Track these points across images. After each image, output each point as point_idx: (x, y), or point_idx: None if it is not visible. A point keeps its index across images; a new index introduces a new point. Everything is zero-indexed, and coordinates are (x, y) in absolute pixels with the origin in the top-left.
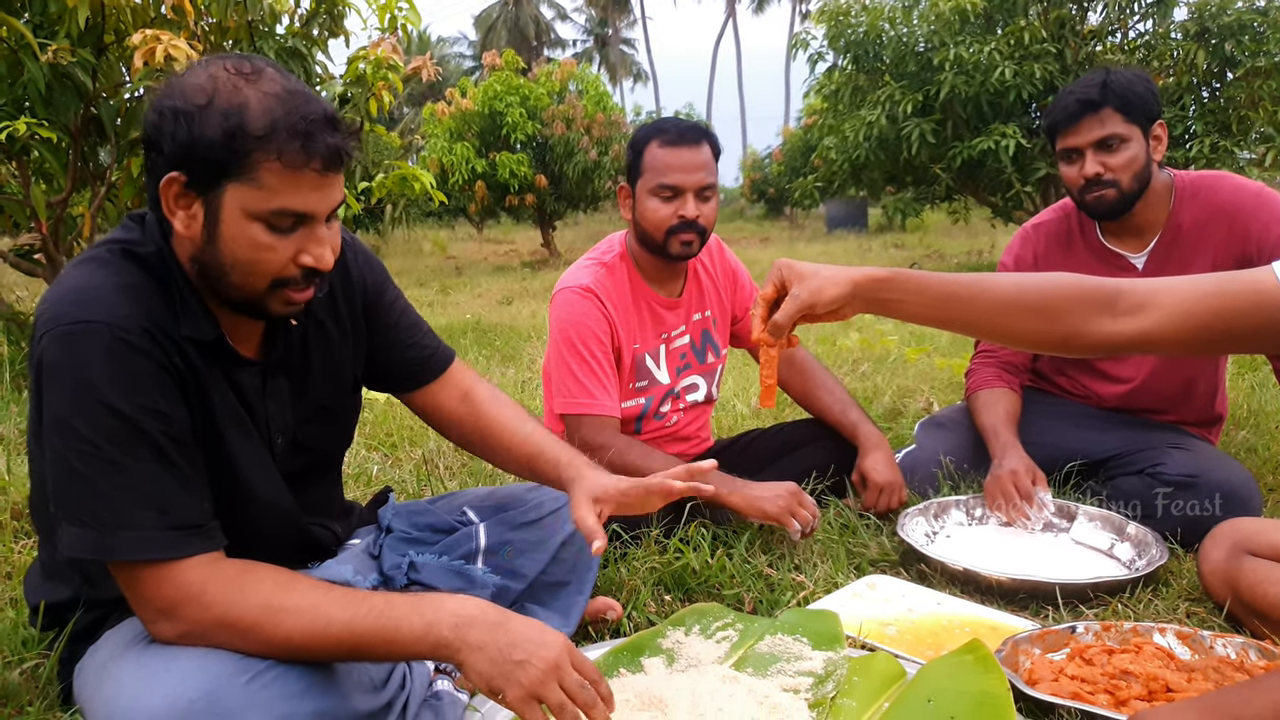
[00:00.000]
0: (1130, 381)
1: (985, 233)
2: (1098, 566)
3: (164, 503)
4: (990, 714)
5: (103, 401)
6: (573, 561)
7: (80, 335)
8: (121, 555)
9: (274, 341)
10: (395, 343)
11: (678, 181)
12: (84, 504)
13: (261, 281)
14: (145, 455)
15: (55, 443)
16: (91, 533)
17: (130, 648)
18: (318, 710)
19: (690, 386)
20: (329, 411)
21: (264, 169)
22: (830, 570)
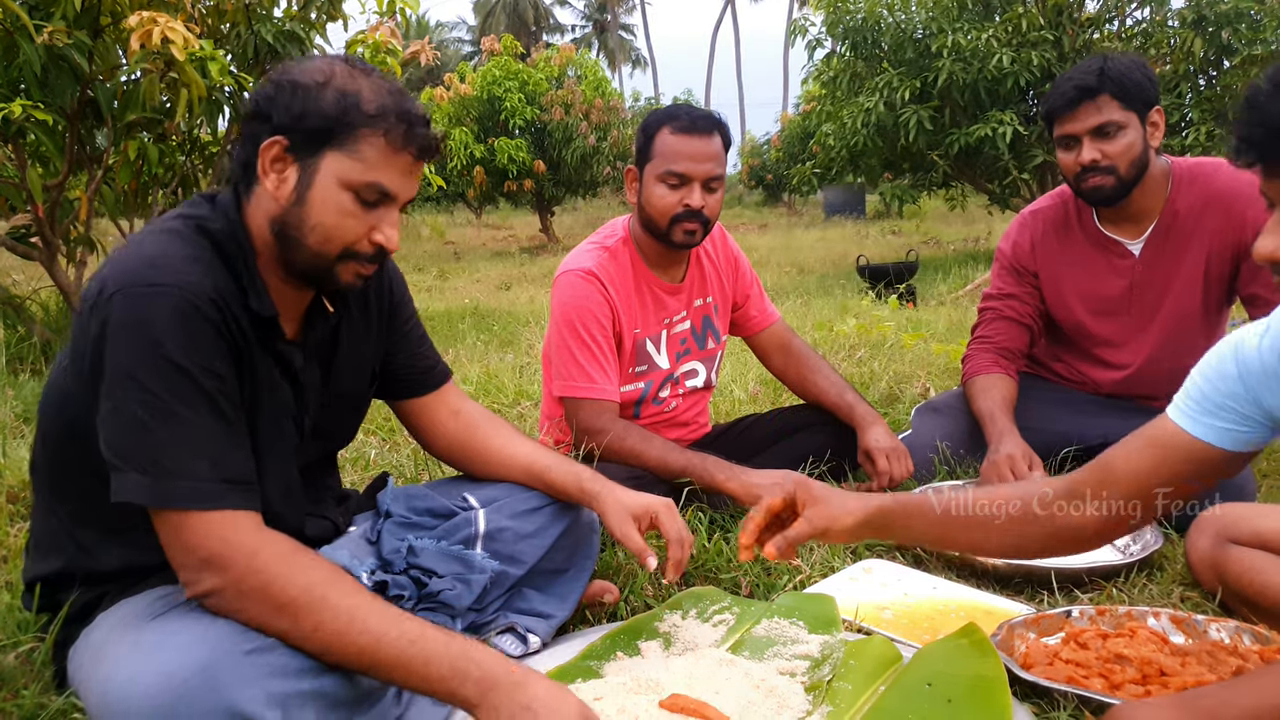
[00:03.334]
0: (1127, 368)
1: (982, 219)
2: (1093, 552)
3: (217, 456)
4: (986, 697)
5: (168, 357)
6: (572, 549)
7: (151, 297)
8: (176, 502)
9: (313, 325)
10: (404, 349)
11: (686, 170)
12: (144, 452)
13: (335, 248)
14: (203, 411)
15: (119, 394)
16: (149, 479)
17: (126, 627)
18: (315, 690)
19: (690, 372)
20: (349, 401)
21: (366, 143)
22: (827, 554)
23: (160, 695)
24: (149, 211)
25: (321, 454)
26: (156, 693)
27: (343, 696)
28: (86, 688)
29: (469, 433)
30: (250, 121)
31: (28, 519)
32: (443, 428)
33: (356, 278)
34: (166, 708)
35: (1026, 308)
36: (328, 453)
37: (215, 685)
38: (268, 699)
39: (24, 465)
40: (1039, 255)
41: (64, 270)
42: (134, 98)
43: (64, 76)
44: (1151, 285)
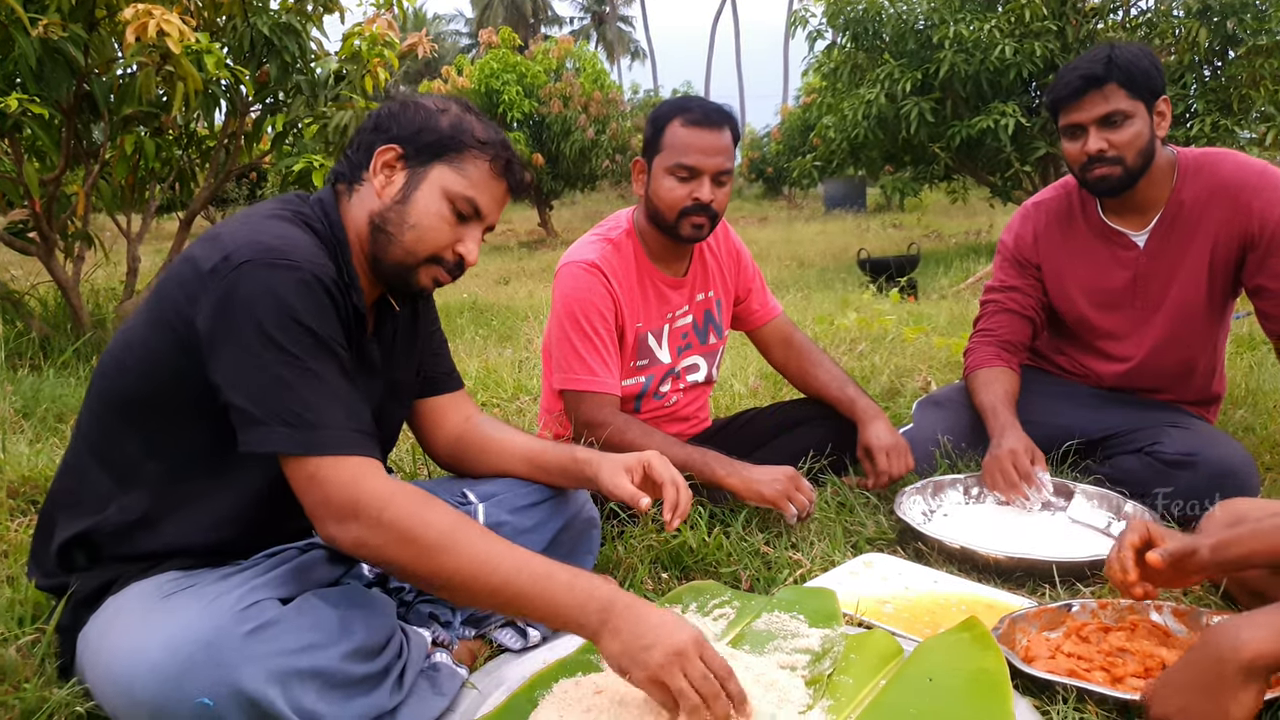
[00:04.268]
0: (1130, 360)
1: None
2: (1095, 545)
3: (349, 407)
4: (987, 691)
5: (303, 323)
6: (572, 544)
7: (286, 269)
8: (321, 449)
9: (383, 320)
10: (429, 348)
11: (696, 163)
12: (290, 406)
13: (425, 250)
14: (335, 370)
15: (256, 355)
16: (295, 430)
17: (135, 606)
18: (314, 669)
19: (691, 367)
20: (402, 392)
21: (472, 163)
22: (827, 548)
23: (165, 667)
24: (146, 206)
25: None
26: (162, 664)
27: (343, 677)
28: (93, 664)
29: (473, 429)
30: (367, 132)
31: (27, 514)
32: (453, 429)
33: (433, 282)
34: (171, 680)
35: (1029, 300)
36: (383, 449)
37: (218, 660)
38: (269, 676)
39: (23, 460)
40: (1042, 247)
41: (62, 265)
42: (130, 91)
43: (59, 70)
44: (1156, 277)
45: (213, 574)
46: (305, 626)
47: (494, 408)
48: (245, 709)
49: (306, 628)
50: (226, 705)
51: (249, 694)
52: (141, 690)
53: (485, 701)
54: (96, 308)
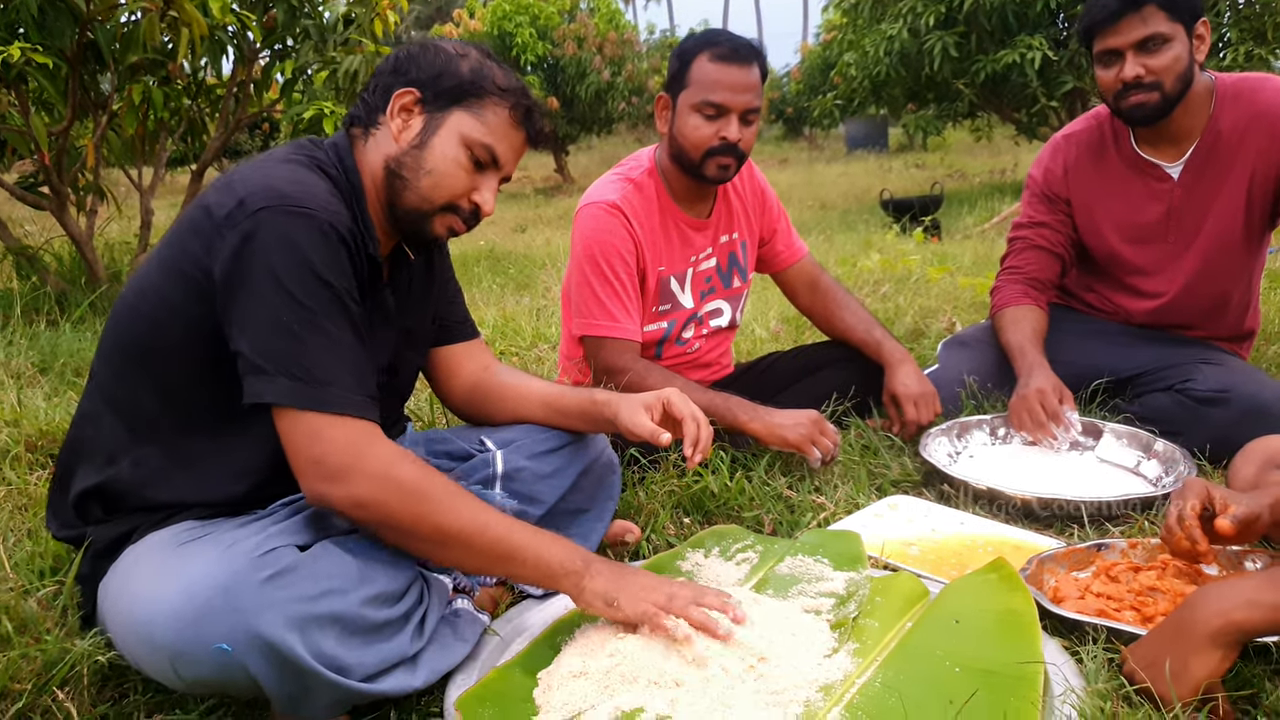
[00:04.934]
0: (1162, 296)
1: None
2: (1124, 484)
3: (357, 371)
4: (1016, 632)
5: (319, 275)
6: (593, 490)
7: (302, 217)
8: (328, 406)
9: (398, 268)
10: (445, 295)
11: (724, 100)
12: (298, 360)
13: (441, 196)
14: (347, 328)
15: (269, 304)
16: (301, 384)
17: (152, 554)
18: (333, 614)
19: (714, 311)
20: (418, 340)
21: (492, 110)
22: (851, 491)
23: (184, 610)
24: (157, 159)
25: (393, 399)
26: (180, 608)
27: (363, 623)
28: (113, 612)
29: (490, 378)
30: (385, 74)
31: (46, 467)
32: (469, 377)
33: (448, 231)
34: (190, 625)
35: (1059, 236)
36: (398, 398)
37: (236, 606)
38: (287, 621)
39: (41, 413)
40: (1072, 181)
41: (75, 220)
42: (134, 38)
43: (62, 17)
44: (1190, 210)
45: (230, 522)
46: (323, 573)
47: (512, 356)
48: (265, 655)
49: (325, 574)
50: (245, 651)
51: (268, 639)
52: (161, 636)
53: (508, 648)
54: (111, 261)
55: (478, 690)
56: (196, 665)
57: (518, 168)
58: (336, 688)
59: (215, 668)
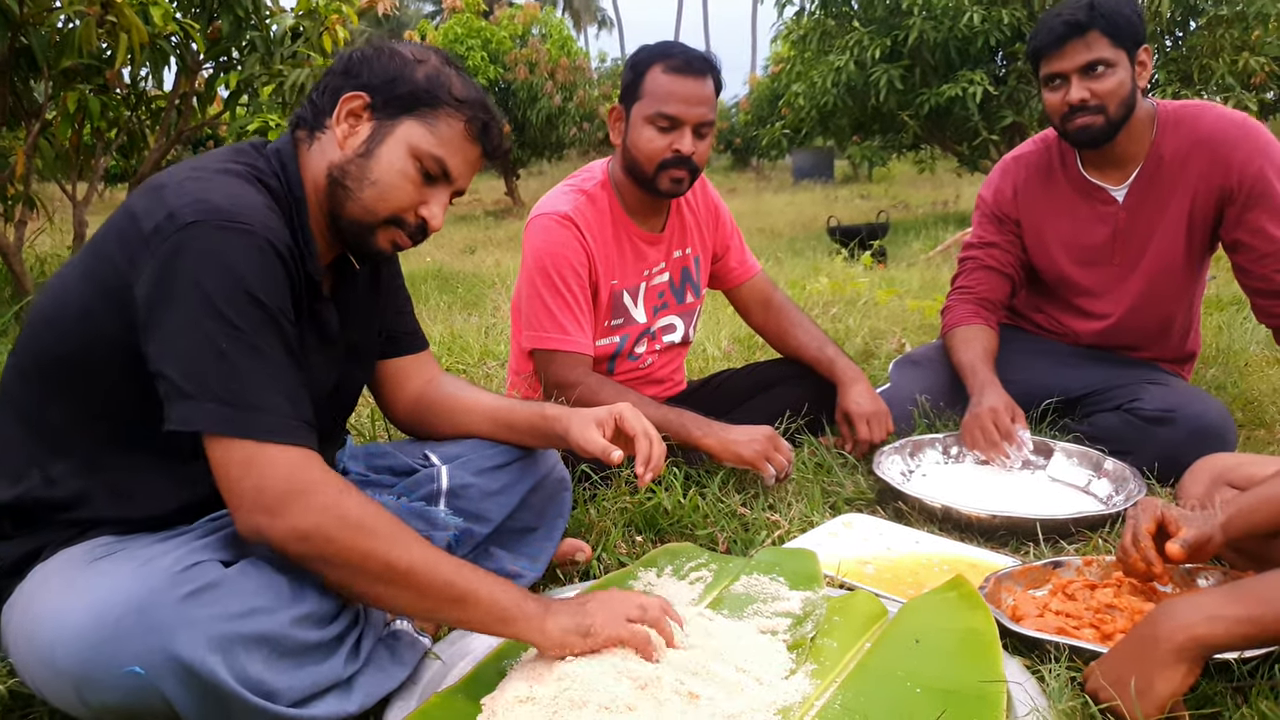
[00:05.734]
0: (1108, 318)
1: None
2: (1075, 503)
3: (293, 395)
4: (976, 651)
5: (250, 293)
6: (542, 507)
7: (236, 233)
8: (258, 433)
9: (342, 279)
10: (393, 307)
11: (678, 113)
12: (225, 382)
13: (385, 209)
14: (280, 349)
15: (197, 323)
16: (230, 410)
17: (61, 572)
18: (260, 634)
19: (667, 327)
20: (363, 354)
21: (446, 122)
22: (805, 509)
23: (91, 633)
24: (93, 170)
25: (336, 416)
26: (87, 631)
27: (292, 644)
28: (16, 633)
29: (434, 390)
30: (336, 75)
31: None
32: (415, 392)
33: (391, 245)
34: (97, 647)
35: (1008, 256)
36: (342, 415)
37: (151, 625)
38: (208, 642)
39: None
40: (1021, 202)
41: (2, 231)
42: (70, 43)
43: None
44: (1135, 232)
45: (148, 538)
46: (250, 590)
47: (459, 372)
48: (182, 679)
49: (252, 591)
50: (161, 674)
51: (186, 662)
52: (65, 658)
53: (450, 672)
54: (41, 274)
55: (417, 716)
56: (105, 691)
57: (468, 190)
58: (262, 714)
59: (126, 693)
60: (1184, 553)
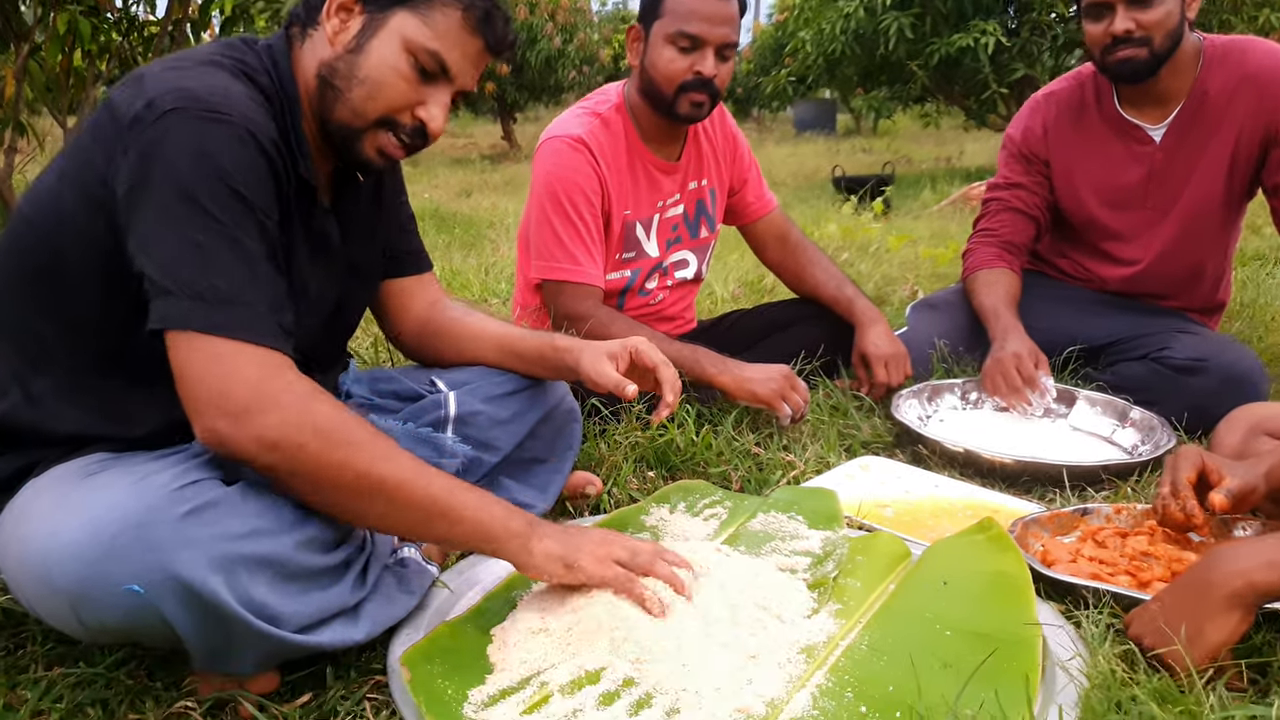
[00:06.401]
0: (1137, 264)
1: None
2: (1098, 453)
3: (271, 295)
4: (1008, 594)
5: (230, 184)
6: (552, 438)
7: (215, 123)
8: (234, 330)
9: (344, 192)
10: (396, 224)
11: (700, 32)
12: (202, 277)
13: (376, 108)
14: (260, 246)
15: (175, 217)
16: (204, 305)
17: (54, 488)
18: (262, 556)
19: (680, 262)
20: (366, 273)
21: (442, 13)
22: (821, 450)
23: (86, 549)
24: (84, 97)
25: (338, 336)
26: (83, 548)
27: (297, 568)
28: (7, 550)
29: (442, 315)
30: None
31: None
32: (419, 315)
33: (379, 155)
34: (94, 564)
35: (1035, 199)
36: (343, 336)
37: (150, 543)
38: (210, 562)
39: None
40: (1051, 141)
41: None
42: None
43: None
44: (1171, 174)
45: (144, 455)
46: (252, 511)
47: None
48: (182, 599)
49: (254, 512)
50: (160, 594)
51: (187, 581)
52: (60, 576)
53: (458, 601)
54: None
55: (425, 645)
56: (102, 610)
57: (463, 133)
58: (266, 639)
59: (124, 613)
60: (1228, 503)
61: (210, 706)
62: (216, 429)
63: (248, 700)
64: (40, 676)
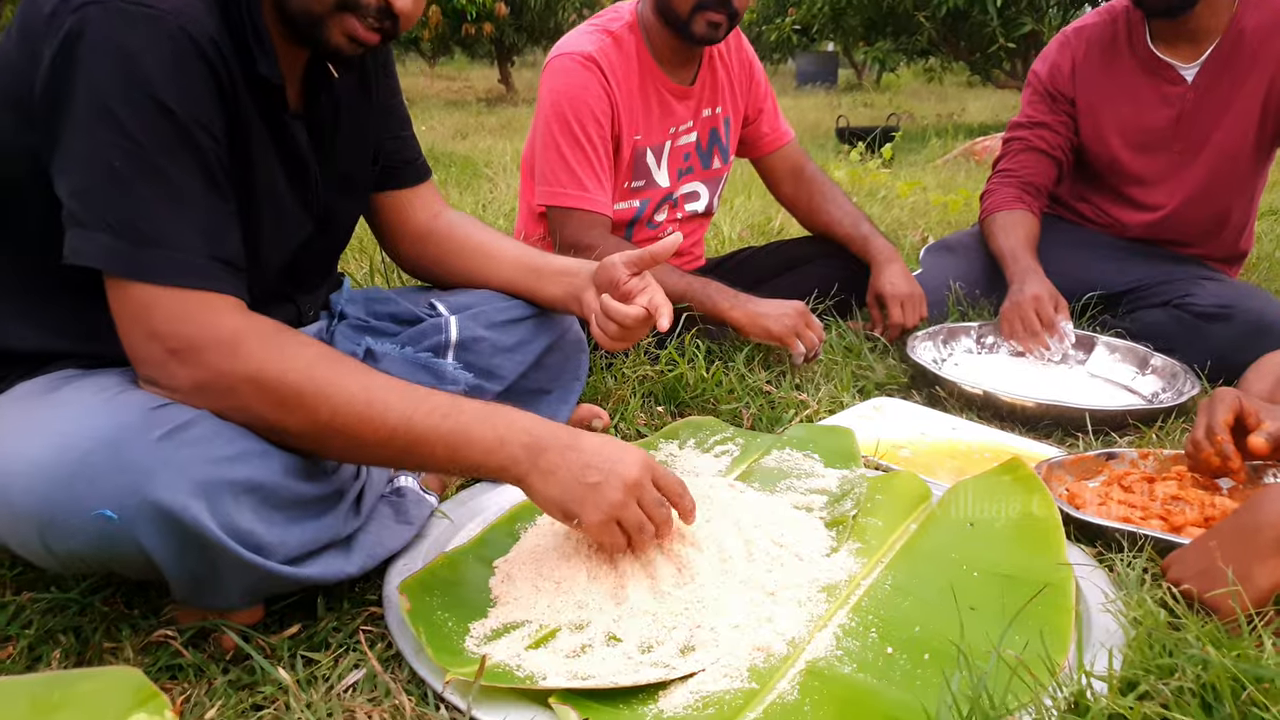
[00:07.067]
0: (1161, 209)
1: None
2: (1117, 400)
3: (209, 228)
4: (1037, 536)
5: (155, 97)
6: (558, 369)
7: (140, 19)
8: (152, 275)
9: (317, 94)
10: (391, 130)
11: None
12: (117, 210)
13: None
14: (194, 170)
15: (90, 134)
16: (123, 244)
17: (18, 404)
18: (247, 481)
19: (690, 194)
20: (352, 184)
21: None
22: (835, 390)
23: (54, 469)
24: None
25: (323, 254)
26: (50, 467)
27: (286, 495)
28: None
29: (447, 229)
30: None
31: None
32: (419, 228)
33: (349, 41)
34: (61, 486)
35: (1058, 139)
36: (329, 253)
37: (123, 464)
38: (191, 486)
39: None
40: (1079, 79)
41: None
42: None
43: None
44: (1201, 116)
45: (118, 371)
46: (237, 433)
47: None
48: (160, 526)
49: (239, 434)
50: (135, 519)
51: (165, 506)
52: (24, 498)
53: (458, 533)
54: None
55: (423, 576)
56: (72, 537)
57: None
58: (252, 570)
59: (96, 541)
60: (1268, 446)
61: (191, 636)
62: (150, 376)
63: (232, 630)
64: (8, 601)
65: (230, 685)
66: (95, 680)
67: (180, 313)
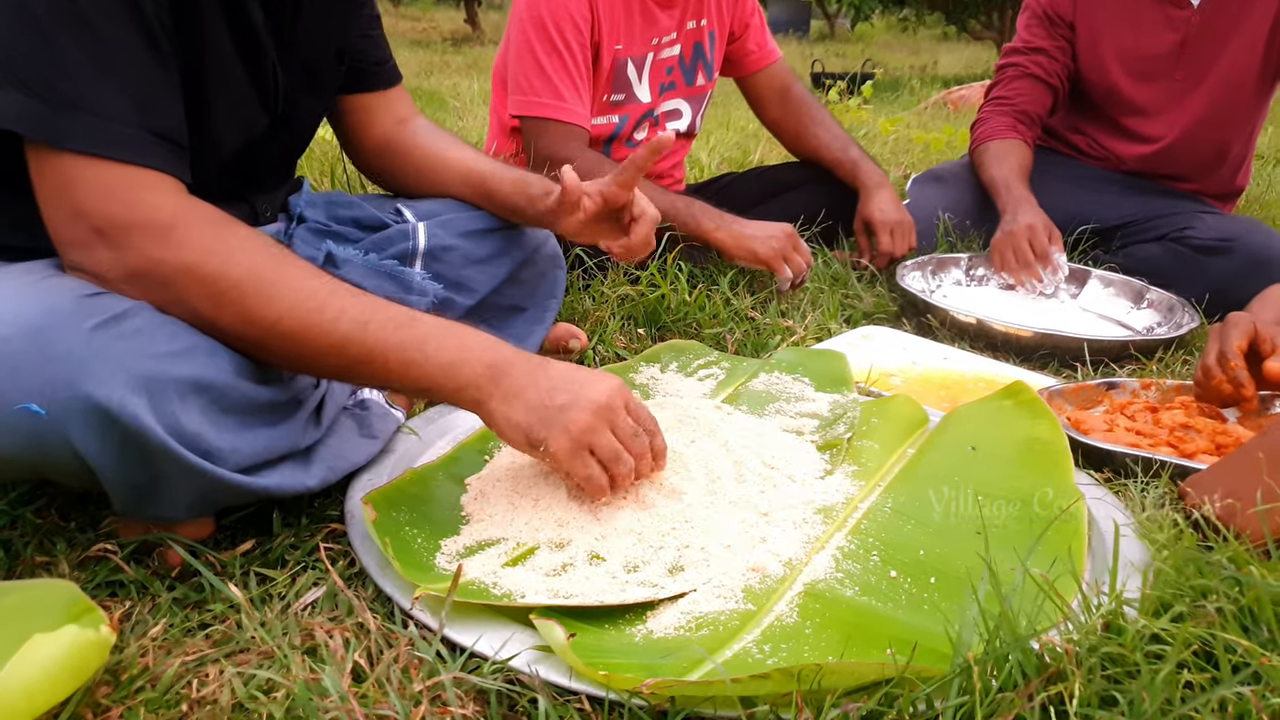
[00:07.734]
0: (1159, 141)
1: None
2: (1109, 333)
3: (145, 97)
4: (1043, 460)
5: None
6: (534, 285)
7: None
8: (75, 143)
9: None
10: (358, 27)
11: None
12: (35, 64)
13: None
14: (131, 30)
15: None
16: (38, 104)
17: None
18: (195, 380)
19: (672, 112)
20: (316, 79)
21: None
22: (821, 316)
23: None
24: None
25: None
26: None
27: (238, 398)
28: None
29: (409, 138)
30: None
31: None
32: (385, 136)
33: None
34: None
35: (1055, 65)
36: (289, 152)
37: (51, 355)
38: (130, 381)
39: None
40: (1080, 2)
41: None
42: None
43: None
44: (1205, 43)
45: (43, 260)
46: (181, 327)
47: None
48: (94, 424)
49: (184, 328)
50: (66, 416)
51: (100, 403)
52: None
53: (428, 450)
54: None
55: (389, 491)
56: None
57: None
58: (200, 477)
59: (22, 440)
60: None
61: (134, 551)
62: (75, 261)
63: (178, 544)
64: None
65: (176, 603)
66: (23, 593)
67: (106, 189)
